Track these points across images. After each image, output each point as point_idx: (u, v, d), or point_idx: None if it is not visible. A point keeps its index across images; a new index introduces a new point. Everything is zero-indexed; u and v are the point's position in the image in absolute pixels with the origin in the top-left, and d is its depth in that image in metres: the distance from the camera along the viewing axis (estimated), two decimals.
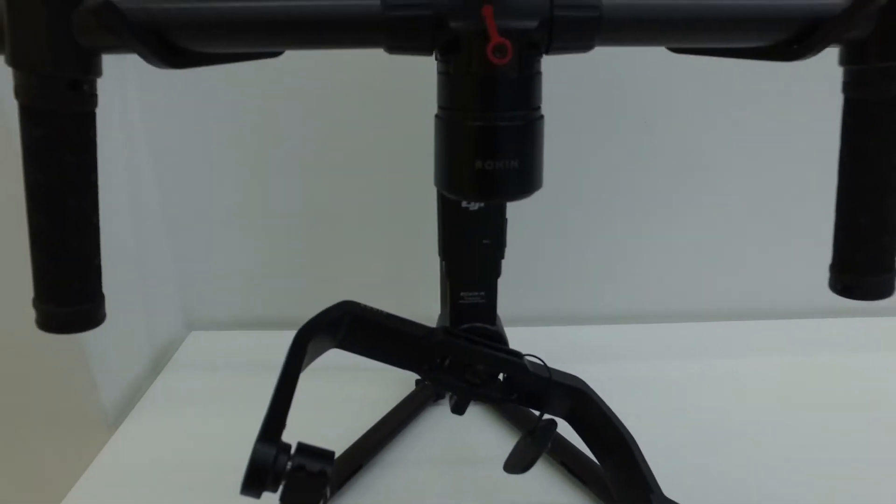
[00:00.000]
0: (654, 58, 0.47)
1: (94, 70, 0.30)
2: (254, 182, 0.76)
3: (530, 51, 0.29)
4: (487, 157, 0.30)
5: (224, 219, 0.77)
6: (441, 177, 0.32)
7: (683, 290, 0.82)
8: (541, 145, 0.31)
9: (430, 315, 0.52)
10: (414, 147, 0.72)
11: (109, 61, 0.31)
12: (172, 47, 0.29)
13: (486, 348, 0.43)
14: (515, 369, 0.43)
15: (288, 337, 0.82)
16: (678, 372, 0.70)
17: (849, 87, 0.33)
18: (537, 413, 0.44)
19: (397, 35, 0.29)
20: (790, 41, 0.31)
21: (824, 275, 0.37)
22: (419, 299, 0.76)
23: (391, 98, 0.71)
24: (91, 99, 0.30)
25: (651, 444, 0.43)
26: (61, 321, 0.32)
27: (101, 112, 0.31)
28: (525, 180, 0.31)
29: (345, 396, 0.65)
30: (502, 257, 0.44)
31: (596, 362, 0.72)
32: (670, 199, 0.77)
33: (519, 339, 0.46)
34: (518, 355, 0.44)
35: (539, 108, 0.31)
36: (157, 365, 0.73)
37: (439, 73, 0.31)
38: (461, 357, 0.43)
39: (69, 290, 0.31)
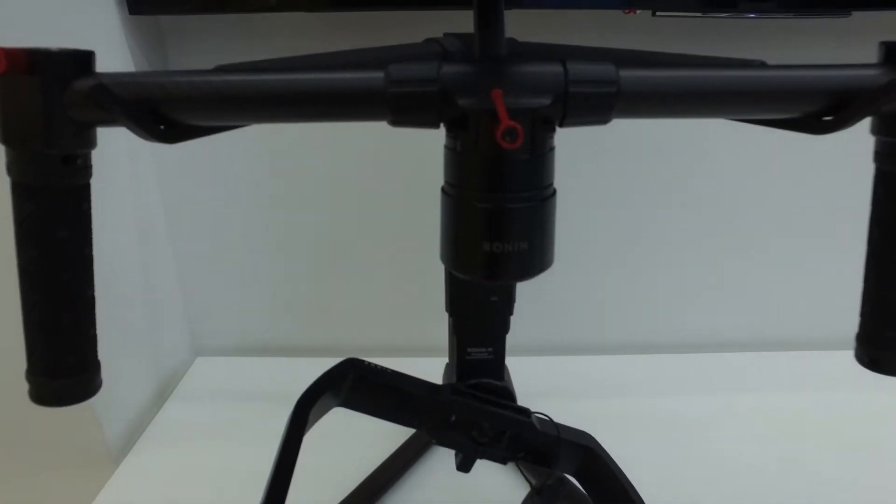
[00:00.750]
0: None
1: (88, 143, 0.29)
2: (262, 207, 0.75)
3: (543, 126, 0.28)
4: (496, 240, 0.28)
5: (232, 244, 0.76)
6: (447, 255, 0.31)
7: (689, 321, 0.80)
8: (552, 223, 0.30)
9: (437, 343, 0.50)
10: (422, 175, 0.71)
11: None
12: (166, 120, 0.28)
13: (492, 406, 0.42)
14: (523, 428, 0.42)
15: (295, 365, 0.81)
16: (685, 407, 0.69)
17: (881, 157, 0.31)
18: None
19: (401, 110, 0.28)
20: (819, 113, 0.30)
21: (836, 307, 0.35)
22: (426, 327, 0.75)
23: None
24: (85, 171, 0.29)
25: (656, 488, 0.42)
26: (56, 394, 0.31)
27: (109, 138, 0.30)
28: (535, 261, 0.29)
29: (353, 430, 0.64)
30: (511, 313, 0.42)
31: (601, 396, 0.71)
32: (679, 228, 0.75)
33: (525, 369, 0.45)
34: (526, 412, 0.43)
35: (551, 184, 0.30)
36: (163, 393, 0.73)
37: (446, 147, 0.29)
38: (467, 416, 0.41)
39: (63, 364, 0.31)
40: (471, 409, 0.41)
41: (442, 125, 0.29)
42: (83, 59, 0.28)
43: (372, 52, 0.41)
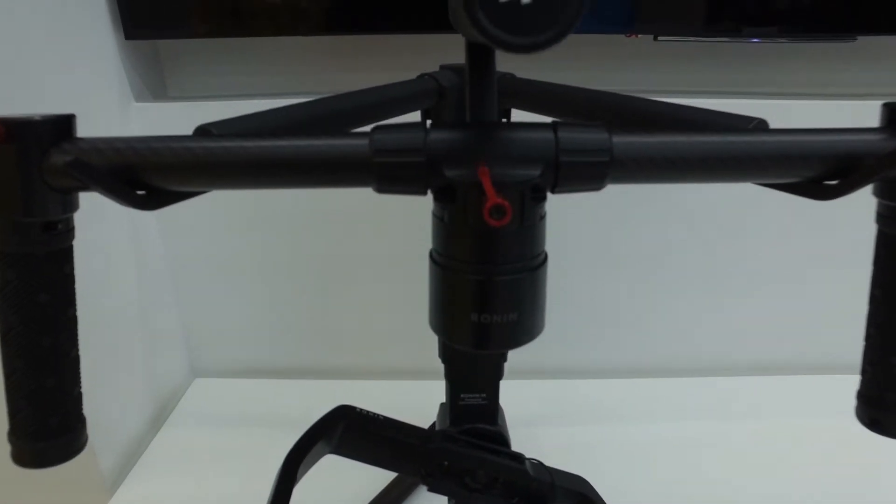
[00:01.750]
0: None
1: (69, 208, 0.28)
2: (260, 229, 0.74)
3: (534, 194, 0.27)
4: (484, 311, 0.28)
5: (230, 264, 0.76)
6: (436, 323, 0.30)
7: (685, 345, 0.79)
8: (543, 290, 0.29)
9: (435, 366, 0.50)
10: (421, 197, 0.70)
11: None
12: (145, 186, 0.28)
13: (485, 452, 0.41)
14: (516, 474, 0.41)
15: (294, 387, 0.80)
16: (682, 433, 0.68)
17: (884, 220, 0.30)
18: None
19: (386, 180, 0.27)
20: (820, 178, 0.29)
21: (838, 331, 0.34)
22: (424, 349, 0.74)
23: None
24: (66, 235, 0.29)
25: None
26: (38, 457, 0.31)
27: None
28: (525, 330, 0.29)
29: (341, 466, 0.64)
30: (504, 360, 0.42)
31: (594, 422, 0.70)
32: (678, 251, 0.74)
33: (526, 392, 0.44)
34: (519, 459, 0.42)
35: (542, 251, 0.29)
36: (160, 417, 0.73)
37: (434, 214, 0.29)
38: (460, 463, 0.41)
39: (46, 427, 0.30)
40: (463, 456, 0.41)
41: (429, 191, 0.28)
42: (62, 124, 0.27)
43: (364, 94, 0.41)
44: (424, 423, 0.55)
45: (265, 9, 0.63)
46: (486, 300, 0.27)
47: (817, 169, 0.28)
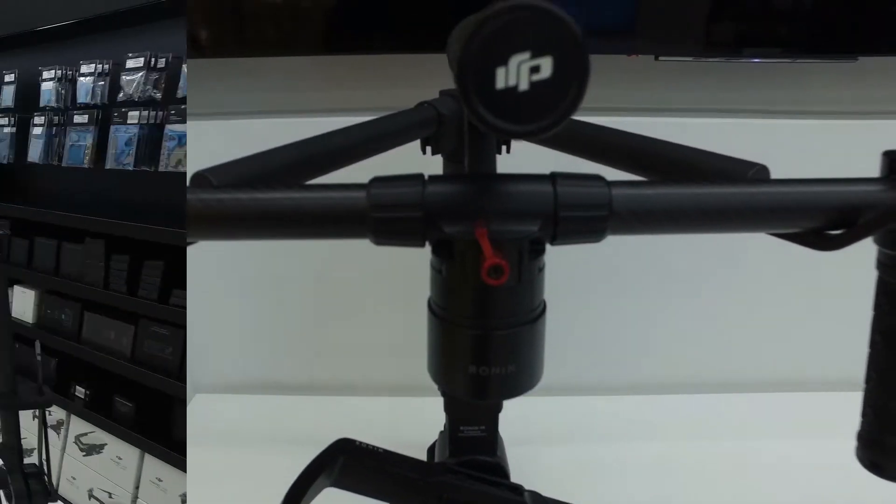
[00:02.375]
0: None
1: None
2: (260, 245, 0.74)
3: (532, 247, 0.27)
4: (482, 364, 0.28)
5: (230, 278, 0.76)
6: (435, 372, 0.30)
7: (693, 361, 0.79)
8: (541, 341, 0.29)
9: (435, 385, 0.50)
10: None
11: None
12: None
13: (484, 485, 0.42)
14: None
15: (294, 403, 0.80)
16: (686, 453, 0.67)
17: (885, 269, 0.30)
18: None
19: (384, 234, 0.27)
20: (822, 229, 0.29)
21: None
22: (424, 366, 0.75)
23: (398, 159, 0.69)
24: None
25: None
26: None
27: None
28: (523, 381, 0.29)
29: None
30: None
31: (596, 441, 0.70)
32: (677, 269, 0.74)
33: (523, 410, 0.44)
34: (518, 490, 0.42)
35: (540, 303, 0.29)
36: None
37: (432, 266, 0.29)
38: (458, 496, 0.41)
39: None
40: (462, 489, 0.41)
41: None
42: None
43: (364, 127, 0.41)
44: (424, 441, 0.55)
45: (267, 28, 0.63)
46: (485, 353, 0.28)
47: (818, 220, 0.28)
